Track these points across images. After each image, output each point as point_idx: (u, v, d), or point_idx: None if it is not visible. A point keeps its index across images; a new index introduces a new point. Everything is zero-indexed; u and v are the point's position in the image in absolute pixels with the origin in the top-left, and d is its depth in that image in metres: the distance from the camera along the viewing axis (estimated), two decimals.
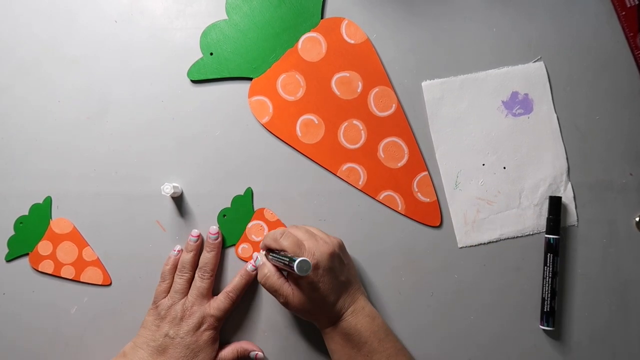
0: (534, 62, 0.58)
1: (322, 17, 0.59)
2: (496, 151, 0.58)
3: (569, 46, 0.58)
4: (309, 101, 0.59)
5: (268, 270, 0.53)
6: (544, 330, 0.57)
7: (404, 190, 0.58)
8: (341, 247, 0.54)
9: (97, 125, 0.60)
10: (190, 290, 0.56)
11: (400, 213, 0.58)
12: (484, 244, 0.58)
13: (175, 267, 0.58)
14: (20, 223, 0.59)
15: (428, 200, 0.58)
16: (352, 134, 0.58)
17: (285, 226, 0.59)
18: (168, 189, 0.56)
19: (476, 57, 0.58)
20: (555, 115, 0.58)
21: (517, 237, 0.58)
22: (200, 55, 0.59)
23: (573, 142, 0.58)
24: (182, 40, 0.59)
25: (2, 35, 0.61)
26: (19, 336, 0.60)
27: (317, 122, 0.59)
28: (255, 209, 0.59)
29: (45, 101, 0.60)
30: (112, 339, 0.59)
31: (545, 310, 0.56)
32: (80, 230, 0.60)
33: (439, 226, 0.58)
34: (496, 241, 0.58)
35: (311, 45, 0.58)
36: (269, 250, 0.54)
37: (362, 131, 0.58)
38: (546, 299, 0.56)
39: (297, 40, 0.59)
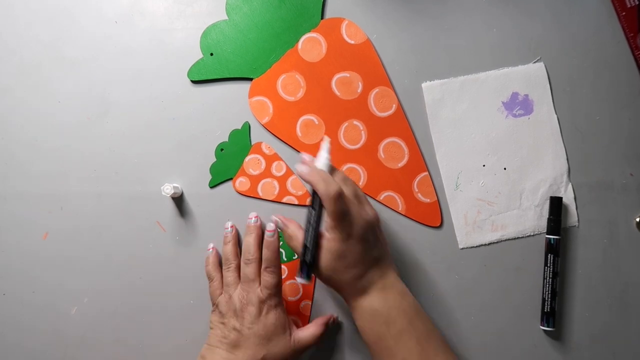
0: (534, 62, 0.58)
1: (322, 18, 0.59)
2: (496, 152, 0.58)
3: (569, 46, 0.58)
4: (309, 101, 0.58)
5: (292, 230, 0.52)
6: (544, 330, 0.57)
7: (404, 191, 0.58)
8: (379, 221, 0.53)
9: (97, 126, 0.60)
10: (242, 280, 0.56)
11: (400, 213, 0.58)
12: (485, 244, 0.58)
13: (217, 264, 0.58)
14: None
15: (428, 200, 0.58)
16: (352, 134, 0.58)
17: (282, 159, 0.59)
18: (168, 189, 0.56)
19: (476, 58, 0.58)
20: (555, 116, 0.58)
21: (517, 237, 0.58)
22: (201, 55, 0.59)
23: (573, 142, 0.58)
24: (182, 41, 0.59)
25: (2, 36, 0.61)
26: (19, 337, 0.60)
27: (317, 122, 0.59)
28: (252, 143, 0.59)
29: (45, 102, 0.60)
30: (112, 340, 0.59)
31: (545, 310, 0.56)
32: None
33: (440, 227, 0.58)
34: (497, 242, 0.58)
35: (311, 45, 0.58)
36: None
37: (363, 131, 0.58)
38: (546, 299, 0.56)
39: (298, 41, 0.58)
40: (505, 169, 0.58)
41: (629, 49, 0.58)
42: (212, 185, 0.59)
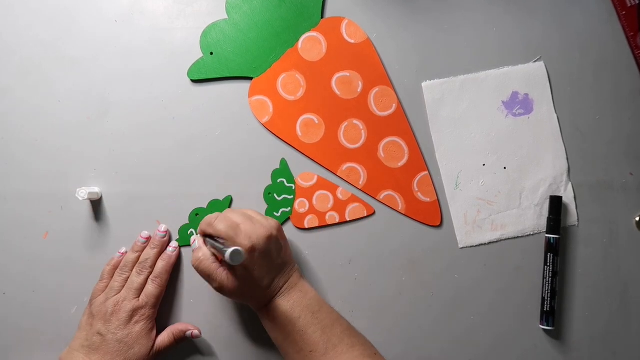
0: (534, 62, 0.58)
1: (322, 17, 0.59)
2: (496, 151, 0.58)
3: (569, 46, 0.58)
4: (309, 101, 0.59)
5: (202, 254, 0.52)
6: (544, 329, 0.57)
7: (404, 190, 0.58)
8: (279, 229, 0.53)
9: (97, 125, 0.60)
10: (125, 286, 0.56)
11: (400, 213, 0.58)
12: (485, 244, 0.58)
13: (116, 268, 0.57)
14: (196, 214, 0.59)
15: (428, 200, 0.58)
16: (352, 133, 0.58)
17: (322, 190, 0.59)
18: (83, 193, 0.56)
19: (476, 57, 0.58)
20: (555, 115, 0.58)
21: (517, 237, 0.58)
22: (201, 54, 0.59)
23: (573, 142, 0.58)
24: (182, 40, 0.59)
25: (2, 36, 0.61)
26: (19, 336, 0.60)
27: (317, 121, 0.59)
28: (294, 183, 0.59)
29: (45, 102, 0.60)
30: None
31: (545, 309, 0.56)
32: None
33: (440, 226, 0.58)
34: (497, 241, 0.58)
35: (311, 44, 0.58)
36: (207, 236, 0.53)
37: (363, 131, 0.58)
38: (546, 298, 0.56)
39: (298, 40, 0.58)
40: (505, 168, 0.58)
41: (629, 48, 0.58)
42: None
